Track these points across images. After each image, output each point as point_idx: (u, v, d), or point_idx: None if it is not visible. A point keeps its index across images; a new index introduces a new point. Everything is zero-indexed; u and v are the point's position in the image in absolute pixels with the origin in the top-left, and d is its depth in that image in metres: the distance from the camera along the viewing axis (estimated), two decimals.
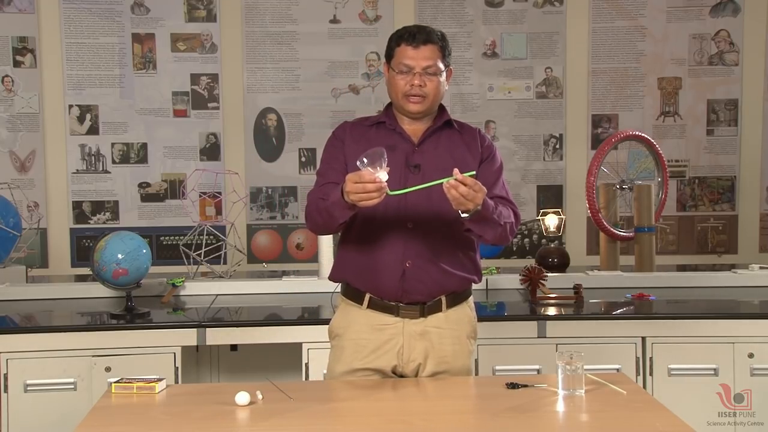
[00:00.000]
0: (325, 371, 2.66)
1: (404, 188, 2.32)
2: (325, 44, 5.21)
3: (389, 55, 2.50)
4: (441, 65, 2.46)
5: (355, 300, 2.52)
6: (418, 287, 2.46)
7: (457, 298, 2.53)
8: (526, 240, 5.29)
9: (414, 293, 2.46)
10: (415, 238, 2.42)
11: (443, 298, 2.50)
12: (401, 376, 2.52)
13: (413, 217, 2.44)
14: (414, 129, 2.52)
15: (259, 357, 3.61)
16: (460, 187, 2.20)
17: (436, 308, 2.50)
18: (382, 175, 2.18)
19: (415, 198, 2.39)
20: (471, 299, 2.60)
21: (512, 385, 2.35)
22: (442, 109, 2.57)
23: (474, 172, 2.30)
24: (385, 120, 2.53)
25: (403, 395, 2.37)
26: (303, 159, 5.25)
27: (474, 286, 2.60)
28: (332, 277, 2.61)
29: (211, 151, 5.23)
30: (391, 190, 2.23)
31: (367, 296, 2.49)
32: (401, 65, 2.44)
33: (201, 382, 3.60)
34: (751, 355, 3.23)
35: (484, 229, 2.39)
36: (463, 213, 2.28)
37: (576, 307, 3.48)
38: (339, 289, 2.63)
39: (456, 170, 2.21)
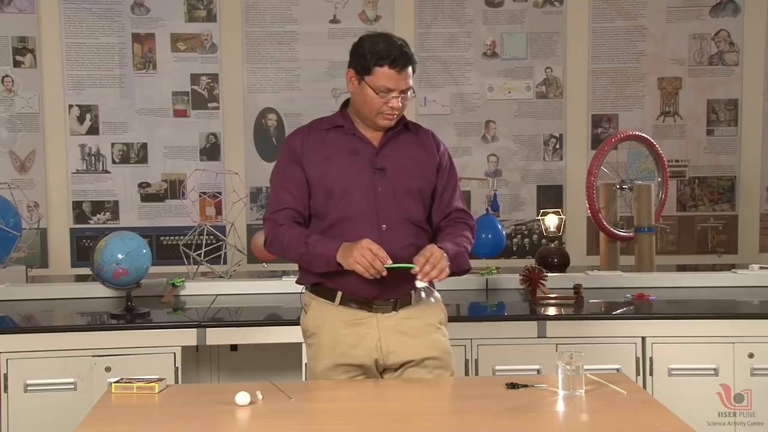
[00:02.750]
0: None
1: (374, 195, 2.46)
2: (325, 44, 5.21)
3: (365, 70, 2.46)
4: (412, 82, 2.50)
5: (327, 297, 2.54)
6: (396, 290, 2.50)
7: (424, 290, 2.58)
8: (526, 240, 5.29)
9: (390, 292, 2.50)
10: (389, 239, 2.45)
11: (413, 292, 2.55)
12: (384, 369, 2.53)
13: (386, 220, 2.48)
14: (372, 133, 2.55)
15: (259, 357, 3.61)
16: (426, 267, 2.35)
17: (407, 302, 2.54)
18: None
19: (383, 202, 2.48)
20: (435, 290, 2.64)
21: (512, 385, 2.35)
22: None
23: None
24: (344, 124, 2.55)
25: (403, 395, 2.37)
26: None
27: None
28: (303, 281, 2.61)
29: (211, 151, 5.23)
30: (362, 198, 2.45)
31: (339, 293, 2.51)
32: (382, 87, 2.44)
33: (201, 382, 3.60)
34: (751, 355, 3.23)
35: (461, 262, 2.52)
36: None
37: (576, 307, 3.48)
38: (304, 289, 2.63)
39: (415, 268, 2.35)
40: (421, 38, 5.25)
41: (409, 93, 2.48)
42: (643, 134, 4.55)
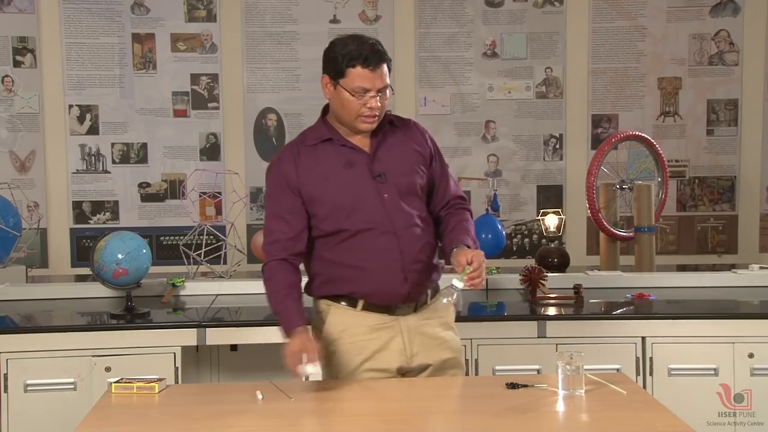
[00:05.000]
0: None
1: (382, 203, 2.43)
2: (325, 44, 5.15)
3: (339, 73, 2.43)
4: (389, 80, 2.45)
5: (349, 304, 2.52)
6: (420, 289, 2.50)
7: (435, 289, 2.58)
8: (526, 240, 5.29)
9: (416, 294, 2.50)
10: (407, 244, 2.45)
11: (429, 291, 2.56)
12: (405, 373, 2.52)
13: (399, 226, 2.47)
14: (361, 139, 2.51)
15: (259, 357, 3.60)
16: (473, 275, 2.31)
17: (424, 302, 2.55)
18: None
19: (393, 208, 2.46)
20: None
21: (512, 385, 2.36)
22: None
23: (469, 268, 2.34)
24: (331, 137, 2.50)
25: (403, 395, 2.37)
26: None
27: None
28: (319, 293, 2.56)
29: (211, 151, 5.23)
30: (372, 210, 2.42)
31: (362, 301, 2.50)
32: (358, 88, 2.40)
33: (201, 382, 3.60)
34: (751, 355, 3.23)
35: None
36: None
37: (576, 307, 3.48)
38: (317, 298, 2.60)
39: (465, 274, 2.31)
40: (421, 38, 5.25)
41: (387, 92, 2.44)
42: (643, 134, 4.54)
